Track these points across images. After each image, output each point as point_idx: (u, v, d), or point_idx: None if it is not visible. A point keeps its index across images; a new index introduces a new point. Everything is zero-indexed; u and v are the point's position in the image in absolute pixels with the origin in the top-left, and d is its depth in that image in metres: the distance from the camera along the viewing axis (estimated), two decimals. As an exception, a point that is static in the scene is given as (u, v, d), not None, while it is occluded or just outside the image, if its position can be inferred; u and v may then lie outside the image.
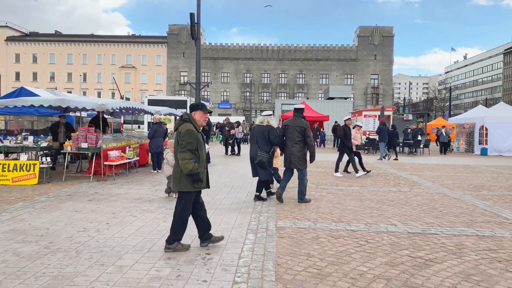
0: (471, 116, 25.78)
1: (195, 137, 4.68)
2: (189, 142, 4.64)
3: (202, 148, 4.79)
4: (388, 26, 74.41)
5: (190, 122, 4.78)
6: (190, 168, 4.59)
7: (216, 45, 75.57)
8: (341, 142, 12.46)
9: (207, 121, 15.39)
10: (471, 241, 5.45)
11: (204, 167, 4.84)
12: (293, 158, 7.92)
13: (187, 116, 4.85)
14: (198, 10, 20.07)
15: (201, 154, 4.78)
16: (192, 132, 4.68)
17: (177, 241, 4.77)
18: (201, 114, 4.88)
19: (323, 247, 5.06)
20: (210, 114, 4.89)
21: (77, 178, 10.82)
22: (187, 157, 4.61)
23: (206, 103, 28.47)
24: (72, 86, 73.95)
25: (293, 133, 7.95)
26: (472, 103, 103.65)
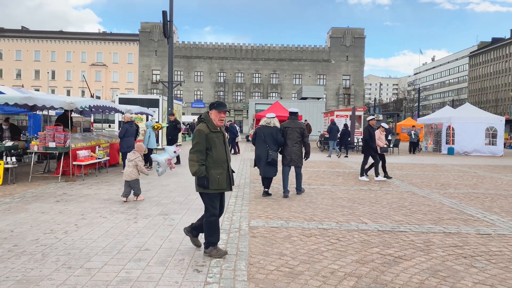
0: (438, 117, 26.56)
1: (203, 138, 4.50)
2: (197, 142, 4.50)
3: (217, 148, 4.56)
4: (359, 28, 75.66)
5: (205, 122, 4.61)
6: (193, 171, 4.47)
7: (190, 43, 74.89)
8: (366, 144, 11.67)
9: (175, 119, 15.27)
10: (438, 238, 5.60)
11: (224, 168, 4.61)
12: (293, 157, 8.79)
13: (204, 116, 4.69)
14: (171, 8, 19.85)
15: (216, 155, 4.55)
16: (201, 132, 4.52)
17: (211, 245, 4.57)
18: (216, 114, 4.65)
19: (295, 246, 5.09)
20: (228, 113, 4.69)
21: (44, 179, 10.49)
22: (193, 158, 4.48)
23: (178, 102, 28.14)
24: (40, 83, 71.70)
25: (293, 134, 8.77)
26: (440, 103, 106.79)
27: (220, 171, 4.57)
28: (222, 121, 4.70)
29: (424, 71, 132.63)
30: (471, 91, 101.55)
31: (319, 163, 16.41)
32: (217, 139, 4.59)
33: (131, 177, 7.69)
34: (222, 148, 4.63)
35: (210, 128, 4.58)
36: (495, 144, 23.97)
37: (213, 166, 4.54)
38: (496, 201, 8.64)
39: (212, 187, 4.51)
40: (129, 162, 7.79)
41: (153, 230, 5.65)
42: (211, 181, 4.51)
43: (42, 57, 73.80)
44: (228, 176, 4.68)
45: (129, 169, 7.73)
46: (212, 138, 4.55)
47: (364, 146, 11.80)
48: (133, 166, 7.76)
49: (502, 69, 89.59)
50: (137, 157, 7.84)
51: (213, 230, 4.56)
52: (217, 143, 4.58)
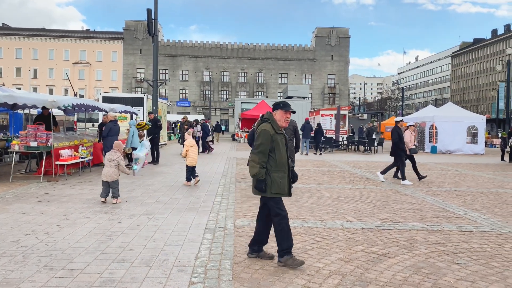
0: (422, 116, 26.93)
1: (269, 139, 4.28)
2: (262, 143, 4.26)
3: (280, 151, 4.35)
4: (344, 28, 76.20)
5: (269, 122, 4.39)
6: (254, 173, 4.25)
7: (175, 42, 74.38)
8: (395, 146, 11.16)
9: (155, 117, 15.12)
10: (421, 236, 5.67)
11: (285, 171, 4.38)
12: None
13: (267, 116, 4.47)
14: (156, 6, 19.69)
15: (279, 157, 4.33)
16: (266, 133, 4.29)
17: (286, 254, 4.30)
18: (281, 114, 4.43)
19: (281, 244, 5.09)
20: (293, 113, 4.49)
21: (26, 179, 10.30)
22: (255, 159, 4.26)
23: (163, 101, 27.93)
24: (22, 82, 70.39)
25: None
26: (423, 103, 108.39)
27: (281, 175, 4.35)
28: (287, 122, 4.51)
29: (407, 71, 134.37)
30: (454, 91, 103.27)
31: (305, 161, 16.49)
32: (280, 141, 4.38)
33: (112, 177, 7.37)
34: (284, 151, 4.42)
35: (275, 129, 4.37)
36: (476, 142, 24.41)
37: (275, 169, 4.33)
38: (478, 199, 8.80)
39: (274, 191, 4.30)
40: (110, 162, 7.44)
41: (137, 230, 5.59)
42: (274, 185, 4.29)
43: (24, 55, 72.45)
44: (289, 180, 4.46)
45: (111, 169, 7.38)
46: (276, 140, 4.33)
47: (394, 149, 11.27)
48: (115, 166, 7.44)
49: (483, 69, 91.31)
50: (118, 156, 7.52)
51: (286, 234, 4.31)
52: (280, 145, 4.37)
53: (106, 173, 7.37)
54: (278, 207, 4.35)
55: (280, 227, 4.31)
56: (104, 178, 7.39)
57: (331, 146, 23.38)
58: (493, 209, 7.75)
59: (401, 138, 11.17)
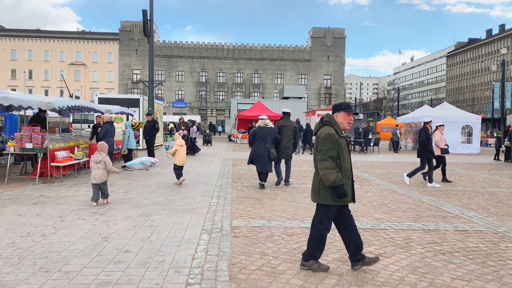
0: (417, 116, 26.99)
1: (335, 143, 4.05)
2: (330, 148, 4.02)
3: (344, 155, 4.13)
4: (340, 28, 76.34)
5: (331, 126, 4.16)
6: (333, 180, 3.95)
7: (170, 43, 74.27)
8: (423, 147, 10.76)
9: (153, 119, 15.10)
10: (418, 235, 5.69)
11: (349, 177, 4.18)
12: (288, 151, 10.07)
13: (328, 118, 4.23)
14: (151, 7, 19.66)
15: (343, 162, 4.12)
16: (332, 137, 4.05)
17: (313, 259, 4.17)
18: (344, 116, 4.19)
19: (277, 245, 5.10)
20: (356, 116, 4.27)
21: (21, 181, 10.25)
22: (328, 166, 3.99)
23: (159, 101, 27.90)
24: (17, 83, 70.05)
25: (288, 131, 10.00)
26: (419, 103, 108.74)
27: (346, 181, 4.12)
28: (350, 124, 4.26)
29: (403, 71, 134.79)
30: (449, 91, 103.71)
31: (301, 162, 16.50)
32: (343, 145, 4.15)
33: (102, 179, 7.33)
34: (348, 155, 4.21)
35: (338, 132, 4.15)
36: (471, 142, 24.51)
37: (341, 175, 4.09)
38: (473, 198, 8.84)
39: (345, 199, 4.12)
40: (97, 164, 7.36)
41: (134, 232, 5.58)
42: None
43: (19, 56, 72.10)
44: (352, 186, 4.26)
45: (99, 171, 7.32)
46: (340, 144, 4.10)
47: (421, 149, 10.86)
48: (103, 167, 7.38)
49: (478, 69, 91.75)
50: (104, 157, 7.44)
51: (321, 244, 4.19)
52: (344, 149, 4.14)
53: (95, 175, 7.32)
54: (328, 217, 4.17)
55: (319, 236, 4.18)
56: (94, 181, 7.33)
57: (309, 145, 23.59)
58: (488, 208, 7.78)
59: (429, 138, 10.82)
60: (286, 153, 10.07)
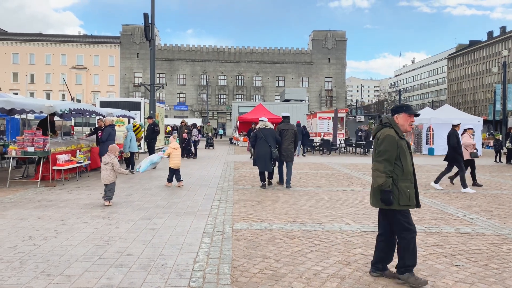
0: (419, 118, 26.97)
1: (395, 145, 3.93)
2: (387, 150, 3.92)
3: (406, 158, 3.99)
4: (340, 31, 76.42)
5: (391, 127, 4.05)
6: (380, 183, 3.88)
7: (172, 46, 74.43)
8: (454, 151, 10.44)
9: (154, 123, 15.11)
10: (420, 238, 5.67)
11: (411, 180, 4.02)
12: (289, 153, 10.35)
13: (387, 120, 4.13)
14: (152, 10, 19.70)
15: (406, 165, 3.97)
16: (391, 139, 3.94)
17: (408, 271, 3.97)
18: (405, 118, 4.08)
19: (279, 248, 5.09)
20: (417, 116, 4.17)
21: (23, 184, 10.26)
22: (380, 168, 3.91)
23: (161, 105, 27.92)
24: (18, 87, 70.22)
25: (288, 134, 10.31)
26: (420, 105, 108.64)
27: (408, 184, 3.99)
28: (412, 126, 4.17)
29: (404, 73, 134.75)
30: (450, 93, 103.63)
31: (303, 164, 16.49)
32: (405, 147, 4.03)
33: (109, 180, 7.59)
34: (410, 158, 4.06)
35: (399, 134, 4.03)
36: (473, 144, 24.44)
37: (402, 178, 3.96)
38: (475, 200, 8.81)
39: (402, 202, 3.93)
40: (105, 165, 7.65)
41: (135, 235, 5.58)
42: (402, 196, 3.93)
43: (21, 60, 72.34)
44: (416, 190, 4.07)
45: (106, 172, 7.59)
46: (401, 146, 3.98)
47: (450, 153, 10.52)
48: (110, 169, 7.62)
49: (479, 70, 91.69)
50: (111, 158, 7.67)
51: (413, 250, 3.97)
52: (406, 151, 4.01)
53: (103, 176, 7.63)
54: (407, 220, 3.98)
55: (407, 243, 3.96)
56: (102, 182, 7.63)
57: (328, 148, 23.40)
58: (491, 210, 7.76)
59: (459, 142, 10.50)
60: (287, 155, 10.37)
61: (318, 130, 26.81)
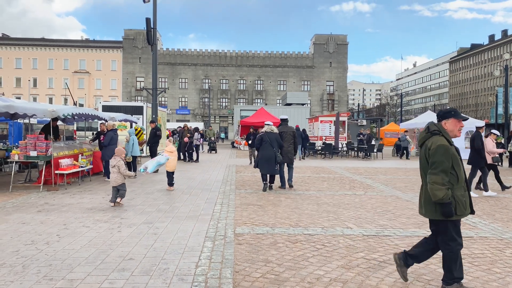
0: (421, 121, 26.91)
1: (449, 155, 3.73)
2: (442, 161, 3.70)
3: (459, 165, 3.81)
4: (342, 35, 76.58)
5: (441, 135, 3.85)
6: (440, 197, 3.65)
7: (174, 50, 74.71)
8: (478, 154, 10.15)
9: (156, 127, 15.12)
10: (422, 242, 5.65)
11: (465, 188, 3.85)
12: (289, 155, 10.76)
13: (435, 127, 3.91)
14: (154, 15, 19.80)
15: (460, 173, 3.79)
16: (445, 148, 3.73)
17: (455, 282, 3.82)
18: (454, 123, 3.88)
19: (281, 252, 5.09)
20: (465, 121, 3.93)
21: (25, 188, 10.29)
22: (438, 181, 3.67)
23: (163, 109, 27.96)
24: (21, 91, 70.50)
25: (288, 137, 10.72)
26: (422, 108, 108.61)
27: (463, 192, 3.82)
28: (461, 131, 3.97)
29: (406, 77, 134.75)
30: (452, 96, 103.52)
31: (305, 168, 16.48)
32: (456, 154, 3.84)
33: (117, 182, 7.94)
34: (462, 164, 3.87)
35: (450, 141, 3.85)
36: (476, 147, 24.39)
37: (457, 187, 3.78)
38: (478, 204, 8.79)
39: (459, 212, 3.76)
40: (112, 168, 8.03)
41: (137, 239, 5.58)
42: (459, 206, 3.75)
43: (24, 65, 72.73)
44: (470, 196, 3.92)
45: (114, 175, 7.95)
46: (454, 154, 3.79)
47: (474, 156, 10.24)
48: (117, 171, 7.94)
49: (481, 74, 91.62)
50: (118, 161, 8.01)
51: (459, 262, 3.82)
52: (458, 159, 3.81)
53: (111, 179, 8.07)
54: (456, 230, 3.81)
55: (454, 254, 3.80)
56: (111, 184, 8.02)
57: (330, 152, 23.38)
58: (493, 214, 7.74)
59: (483, 145, 10.25)
60: (288, 157, 10.72)
61: (320, 134, 26.80)
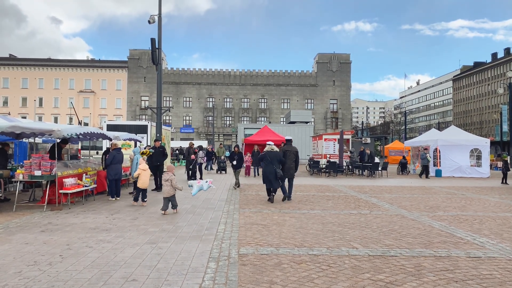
0: (425, 139, 26.89)
1: None
2: None
3: None
4: (345, 53, 77.25)
5: None
6: None
7: (178, 69, 75.51)
8: None
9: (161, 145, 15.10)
10: (429, 262, 5.57)
11: None
12: (291, 171, 12.14)
13: None
14: (159, 35, 20.07)
15: None
16: None
17: None
18: None
19: (286, 273, 5.01)
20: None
21: (29, 208, 10.27)
22: None
23: (167, 127, 28.09)
24: (27, 111, 71.24)
25: (291, 155, 12.13)
26: (426, 126, 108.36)
27: None
28: None
29: (409, 95, 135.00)
30: (456, 114, 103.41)
31: (309, 187, 16.39)
32: None
33: (170, 193, 9.29)
34: None
35: None
36: (480, 165, 24.28)
37: None
38: (485, 223, 8.67)
39: None
40: (166, 182, 9.35)
41: (141, 260, 5.53)
42: None
43: (30, 85, 73.66)
44: None
45: (167, 188, 9.31)
46: None
47: None
48: (169, 184, 9.27)
49: (485, 92, 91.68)
50: (170, 176, 9.42)
51: None
52: None
53: (164, 191, 9.38)
54: None
55: None
56: (164, 195, 9.37)
57: (335, 170, 23.28)
58: (501, 233, 7.62)
59: None
60: (290, 173, 12.09)
61: (324, 152, 26.75)
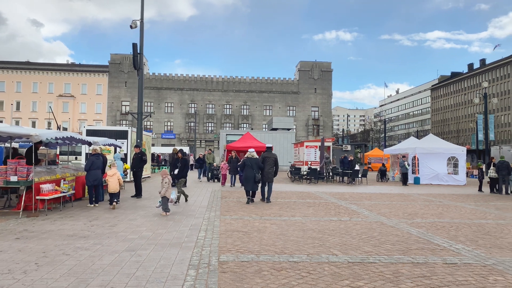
0: (404, 147, 27.35)
1: None
2: None
3: None
4: (326, 62, 78.24)
5: None
6: None
7: (160, 75, 75.04)
8: None
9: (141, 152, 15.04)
10: (407, 269, 5.66)
11: None
12: (269, 176, 13.40)
13: None
14: (141, 40, 19.95)
15: None
16: None
17: None
18: None
19: (266, 280, 5.02)
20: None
21: (4, 214, 10.00)
22: None
23: (148, 133, 27.81)
24: (3, 115, 69.59)
25: (269, 161, 13.46)
26: (405, 134, 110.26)
27: None
28: None
29: (389, 103, 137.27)
30: (434, 122, 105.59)
31: (290, 193, 16.45)
32: None
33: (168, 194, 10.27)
34: None
35: None
36: (457, 173, 24.82)
37: None
38: (461, 230, 8.86)
39: None
40: (165, 184, 10.35)
41: (119, 267, 5.45)
42: None
43: (7, 88, 72.05)
44: None
45: (167, 190, 10.31)
46: None
47: None
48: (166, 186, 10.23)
49: (462, 101, 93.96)
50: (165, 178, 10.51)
51: None
52: None
53: (162, 191, 10.28)
54: None
55: None
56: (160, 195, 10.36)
57: (316, 177, 23.44)
58: (476, 240, 7.80)
59: None
60: (268, 177, 13.40)
61: (306, 159, 26.92)
